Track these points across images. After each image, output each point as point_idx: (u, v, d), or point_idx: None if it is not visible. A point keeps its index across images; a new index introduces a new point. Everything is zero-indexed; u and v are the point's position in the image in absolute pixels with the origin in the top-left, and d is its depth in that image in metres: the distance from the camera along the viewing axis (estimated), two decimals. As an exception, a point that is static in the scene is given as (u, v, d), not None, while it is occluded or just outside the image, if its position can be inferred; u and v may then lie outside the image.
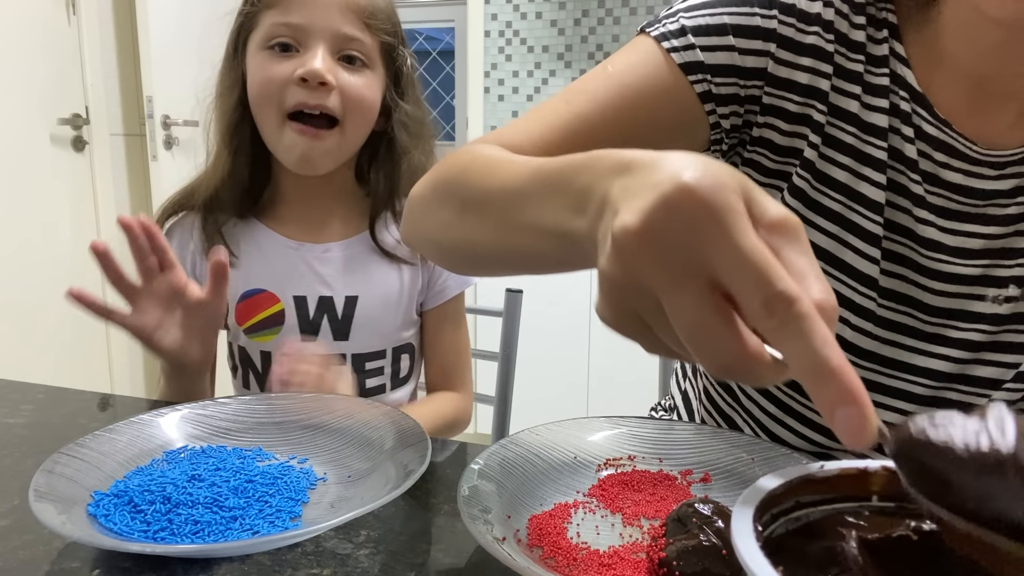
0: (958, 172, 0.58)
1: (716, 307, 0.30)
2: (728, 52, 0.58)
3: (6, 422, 0.72)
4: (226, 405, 0.67)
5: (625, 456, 0.59)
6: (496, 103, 2.84)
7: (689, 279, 0.30)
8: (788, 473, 0.32)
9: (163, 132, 2.43)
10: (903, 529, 0.31)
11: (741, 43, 0.58)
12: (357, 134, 0.90)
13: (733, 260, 0.29)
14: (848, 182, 0.59)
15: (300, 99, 0.85)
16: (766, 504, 0.31)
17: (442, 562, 0.48)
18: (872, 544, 0.30)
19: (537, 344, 2.38)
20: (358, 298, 0.93)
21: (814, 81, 0.58)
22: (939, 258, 0.60)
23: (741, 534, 0.27)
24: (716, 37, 0.57)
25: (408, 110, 0.94)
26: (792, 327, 0.28)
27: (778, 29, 0.57)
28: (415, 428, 0.59)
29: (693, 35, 0.57)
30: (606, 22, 2.67)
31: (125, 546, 0.45)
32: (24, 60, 2.21)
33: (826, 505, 0.33)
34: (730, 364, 0.30)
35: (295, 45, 0.86)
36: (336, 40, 0.86)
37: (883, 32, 0.58)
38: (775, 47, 0.58)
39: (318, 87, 0.85)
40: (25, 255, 2.25)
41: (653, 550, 0.42)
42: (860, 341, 0.62)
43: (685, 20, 0.58)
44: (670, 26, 0.59)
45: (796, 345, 0.28)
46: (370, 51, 0.88)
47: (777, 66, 0.58)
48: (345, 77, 0.86)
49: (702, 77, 0.58)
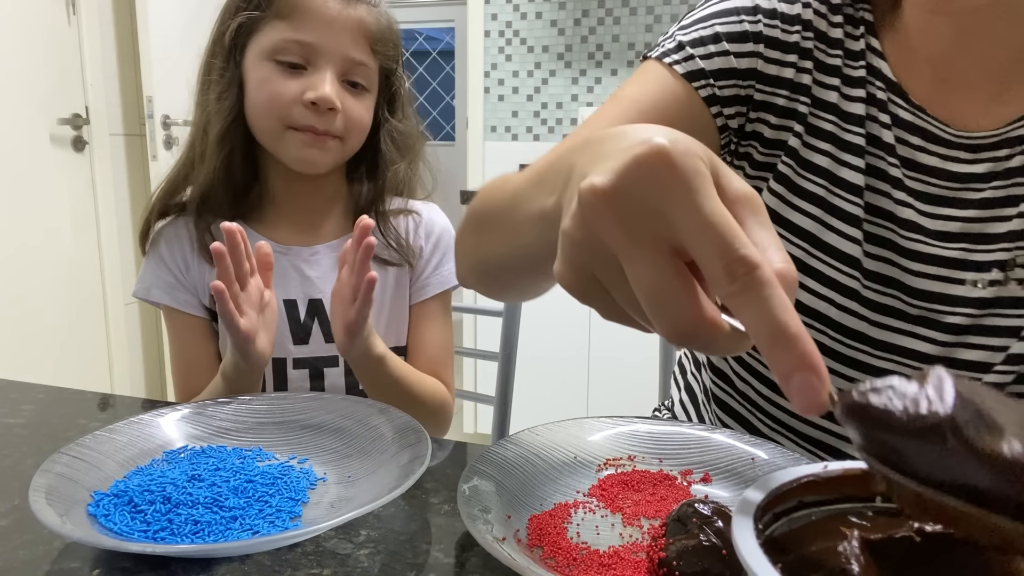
0: (934, 156, 0.60)
1: (677, 271, 0.30)
2: (724, 57, 0.63)
3: (6, 422, 0.72)
4: (226, 405, 0.67)
5: (625, 456, 0.59)
6: (496, 103, 2.85)
7: (652, 242, 0.30)
8: (791, 473, 0.32)
9: (163, 132, 2.44)
10: (906, 530, 0.31)
11: (734, 47, 0.63)
12: (354, 148, 0.93)
13: (699, 223, 0.30)
14: (829, 167, 0.63)
15: (309, 122, 0.86)
16: (768, 503, 0.31)
17: (442, 562, 0.48)
18: (874, 544, 0.30)
19: (537, 344, 2.38)
20: None
21: (798, 76, 0.63)
22: (919, 239, 0.62)
23: (741, 532, 0.27)
24: (711, 45, 0.63)
25: (399, 127, 0.96)
26: (752, 292, 0.28)
27: (764, 31, 0.63)
28: (415, 428, 0.59)
29: (691, 47, 0.63)
30: (606, 22, 2.67)
31: (125, 546, 0.45)
32: (24, 60, 2.21)
33: (829, 505, 0.33)
34: (688, 331, 0.30)
35: (303, 64, 0.86)
36: (344, 64, 0.87)
37: (860, 29, 0.63)
38: (763, 47, 0.63)
39: (326, 112, 0.86)
40: (25, 255, 2.25)
41: (653, 550, 0.42)
42: (847, 321, 0.64)
43: (681, 37, 0.64)
44: (668, 45, 0.64)
45: (756, 310, 0.29)
46: (371, 75, 0.90)
47: (767, 64, 0.63)
48: (349, 103, 0.88)
49: (705, 83, 0.63)
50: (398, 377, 0.85)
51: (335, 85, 0.86)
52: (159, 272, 0.92)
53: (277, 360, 0.90)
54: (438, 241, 0.99)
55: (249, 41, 0.88)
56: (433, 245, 0.99)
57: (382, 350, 0.81)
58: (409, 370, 0.89)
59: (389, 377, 0.83)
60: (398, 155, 0.96)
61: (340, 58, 0.86)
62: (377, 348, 0.80)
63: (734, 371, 0.74)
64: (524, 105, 2.82)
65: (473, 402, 1.22)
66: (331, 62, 0.86)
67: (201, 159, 0.91)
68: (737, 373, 0.74)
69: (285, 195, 0.94)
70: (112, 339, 2.55)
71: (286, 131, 0.87)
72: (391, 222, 0.96)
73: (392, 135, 0.95)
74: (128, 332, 2.61)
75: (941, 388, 0.26)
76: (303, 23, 0.85)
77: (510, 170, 1.48)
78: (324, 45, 0.85)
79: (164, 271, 0.92)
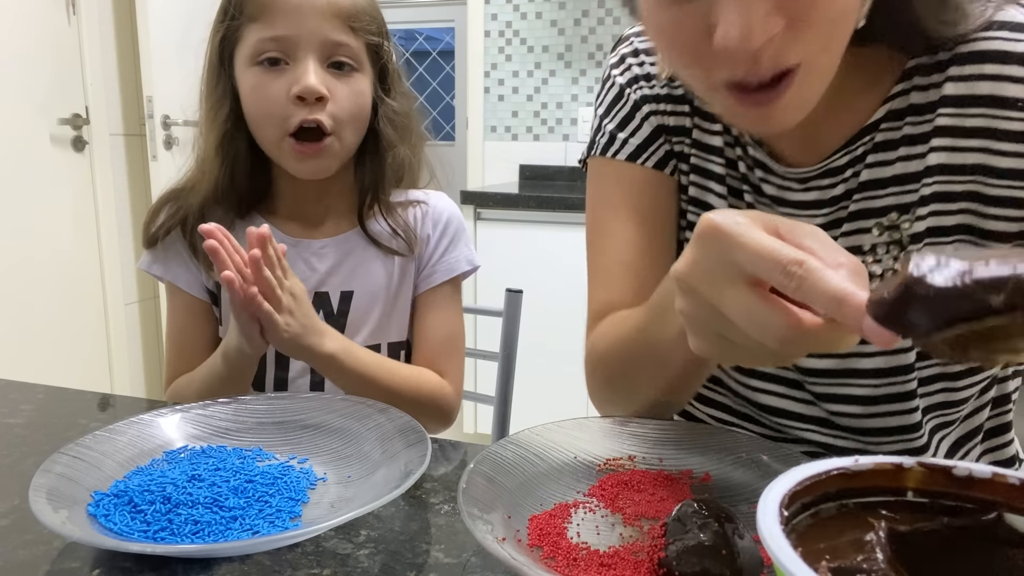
0: (772, 185, 0.66)
1: (761, 296, 0.39)
2: (643, 124, 0.72)
3: (6, 422, 0.72)
4: (226, 405, 0.67)
5: (625, 456, 0.59)
6: (496, 103, 2.85)
7: (731, 282, 0.40)
8: (821, 465, 0.32)
9: (163, 132, 2.43)
10: (935, 524, 0.31)
11: (640, 116, 0.72)
12: (354, 138, 0.91)
13: (751, 254, 0.39)
14: (696, 195, 0.71)
15: (300, 117, 0.84)
16: (796, 493, 0.30)
17: (442, 562, 0.48)
18: (903, 536, 0.30)
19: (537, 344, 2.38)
20: (353, 293, 0.93)
21: (680, 121, 0.71)
22: None
23: (766, 519, 0.27)
24: (628, 126, 0.72)
25: (394, 106, 0.93)
26: (808, 280, 0.36)
27: (647, 94, 0.72)
28: (415, 428, 0.59)
29: (619, 131, 0.73)
30: (606, 22, 2.67)
31: (125, 546, 0.45)
32: (24, 60, 2.21)
33: (859, 498, 0.32)
34: (792, 336, 0.38)
35: (284, 58, 0.85)
36: (324, 48, 0.85)
37: None
38: (658, 104, 0.71)
39: (316, 103, 0.84)
40: (25, 255, 2.25)
41: (653, 550, 0.42)
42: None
43: (610, 127, 0.73)
44: (602, 140, 0.74)
45: (815, 291, 0.36)
46: (357, 54, 0.88)
47: (668, 117, 0.71)
48: (337, 88, 0.86)
49: (646, 156, 0.71)
50: (362, 372, 0.83)
51: (320, 73, 0.84)
52: (166, 253, 0.93)
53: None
54: (445, 227, 0.98)
55: (235, 52, 0.88)
56: (440, 232, 0.98)
57: (332, 348, 0.80)
58: (382, 364, 0.87)
59: (352, 373, 0.82)
60: (396, 137, 0.94)
61: (318, 43, 0.84)
62: (324, 347, 0.79)
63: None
64: (524, 105, 2.82)
65: (473, 402, 1.21)
66: (310, 50, 0.84)
67: (203, 171, 0.91)
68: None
69: (292, 193, 0.94)
70: (112, 339, 2.55)
71: (283, 140, 0.85)
72: (397, 212, 0.95)
73: (389, 116, 0.93)
74: (128, 332, 2.61)
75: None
76: (274, 19, 0.84)
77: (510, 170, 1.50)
78: (298, 35, 0.84)
79: (172, 252, 0.92)
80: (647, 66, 0.72)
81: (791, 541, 0.26)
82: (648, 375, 0.63)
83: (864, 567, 0.27)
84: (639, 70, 0.73)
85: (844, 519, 0.31)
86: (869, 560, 0.28)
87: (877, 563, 0.28)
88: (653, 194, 0.72)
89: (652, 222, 0.72)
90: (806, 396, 0.68)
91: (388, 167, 0.94)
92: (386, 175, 0.94)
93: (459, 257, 0.98)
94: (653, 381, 0.62)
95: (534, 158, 2.84)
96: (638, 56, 0.73)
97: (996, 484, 0.31)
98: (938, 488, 0.32)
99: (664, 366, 0.60)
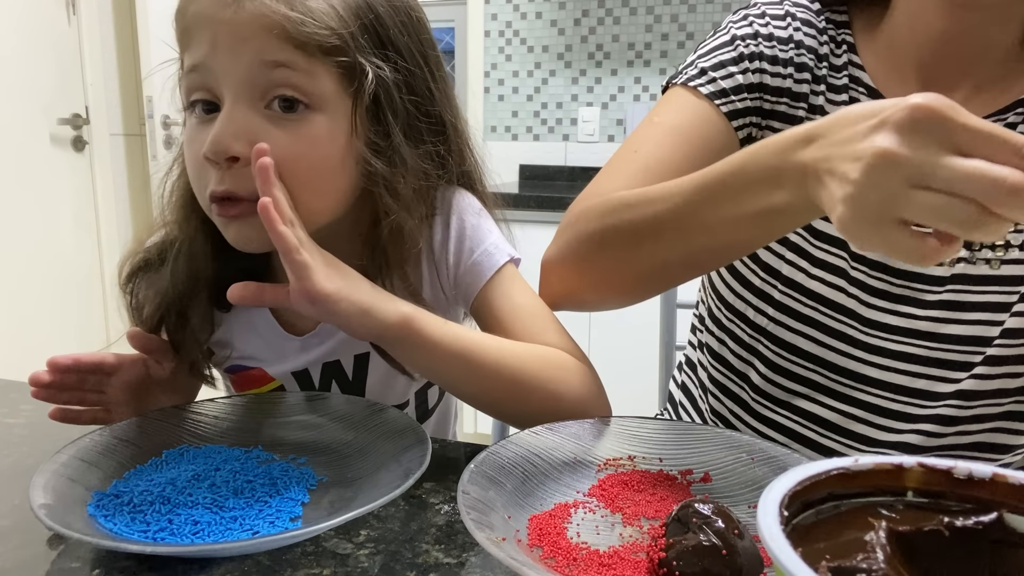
0: None
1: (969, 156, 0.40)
2: (739, 75, 0.72)
3: (6, 422, 0.72)
4: (226, 405, 0.67)
5: (625, 456, 0.59)
6: (496, 103, 2.84)
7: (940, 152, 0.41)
8: (822, 465, 0.32)
9: (163, 132, 2.43)
10: (936, 524, 0.31)
11: (743, 66, 0.72)
12: (322, 202, 0.63)
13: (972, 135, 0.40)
14: None
15: (225, 187, 0.60)
16: (796, 493, 0.31)
17: (442, 562, 0.48)
18: (902, 536, 0.30)
19: (537, 344, 2.38)
20: (369, 355, 0.74)
21: (797, 87, 0.72)
22: None
23: (766, 514, 0.27)
24: (724, 69, 0.72)
25: (385, 168, 0.64)
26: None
27: (765, 51, 0.72)
28: (415, 428, 0.59)
29: (712, 71, 0.73)
30: (606, 22, 2.67)
31: (125, 546, 0.45)
32: (24, 60, 2.21)
33: (859, 498, 0.33)
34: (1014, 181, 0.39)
35: (213, 99, 0.61)
36: (254, 79, 0.59)
37: (842, 48, 0.73)
38: (766, 64, 0.72)
39: (232, 167, 0.59)
40: (25, 255, 2.25)
41: (653, 550, 0.42)
42: (837, 297, 0.71)
43: (702, 64, 0.74)
44: (691, 72, 0.74)
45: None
46: (314, 84, 0.60)
47: (771, 78, 0.72)
48: (273, 137, 0.58)
49: (726, 100, 0.71)
50: (461, 349, 0.61)
51: (238, 119, 0.59)
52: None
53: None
54: (460, 234, 0.72)
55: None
56: (457, 241, 0.72)
57: (407, 311, 0.59)
58: (486, 338, 0.65)
59: (442, 349, 0.60)
60: (394, 203, 0.64)
61: (245, 72, 0.58)
62: (394, 313, 0.59)
63: (735, 353, 0.79)
64: (524, 105, 2.82)
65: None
66: (233, 84, 0.59)
67: (174, 248, 0.69)
68: (738, 355, 0.79)
69: (280, 267, 0.67)
70: (112, 339, 2.55)
71: (211, 206, 0.62)
72: (408, 272, 0.68)
73: (381, 175, 0.63)
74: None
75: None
76: (192, 39, 0.61)
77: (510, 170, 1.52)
78: (217, 61, 0.59)
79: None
80: (770, 27, 0.73)
81: (791, 541, 0.26)
82: (656, 245, 0.63)
83: (864, 567, 0.27)
84: (761, 28, 0.73)
85: (844, 519, 0.31)
86: (869, 560, 0.28)
87: (877, 563, 0.28)
88: (710, 135, 0.71)
89: (693, 157, 0.70)
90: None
91: (388, 242, 0.66)
92: (388, 253, 0.66)
93: (491, 247, 0.72)
94: (654, 251, 0.63)
95: (534, 158, 2.84)
96: (764, 17, 0.74)
97: (996, 484, 0.31)
98: (938, 488, 0.32)
99: (683, 241, 0.61)
